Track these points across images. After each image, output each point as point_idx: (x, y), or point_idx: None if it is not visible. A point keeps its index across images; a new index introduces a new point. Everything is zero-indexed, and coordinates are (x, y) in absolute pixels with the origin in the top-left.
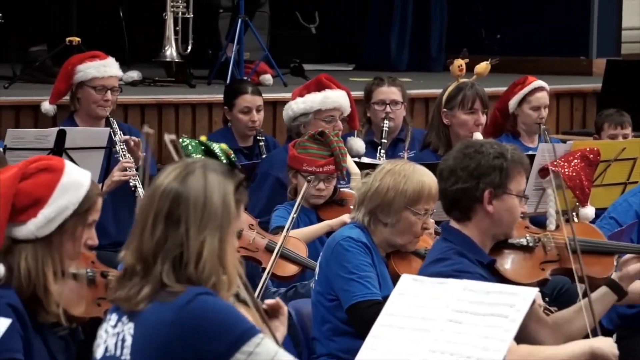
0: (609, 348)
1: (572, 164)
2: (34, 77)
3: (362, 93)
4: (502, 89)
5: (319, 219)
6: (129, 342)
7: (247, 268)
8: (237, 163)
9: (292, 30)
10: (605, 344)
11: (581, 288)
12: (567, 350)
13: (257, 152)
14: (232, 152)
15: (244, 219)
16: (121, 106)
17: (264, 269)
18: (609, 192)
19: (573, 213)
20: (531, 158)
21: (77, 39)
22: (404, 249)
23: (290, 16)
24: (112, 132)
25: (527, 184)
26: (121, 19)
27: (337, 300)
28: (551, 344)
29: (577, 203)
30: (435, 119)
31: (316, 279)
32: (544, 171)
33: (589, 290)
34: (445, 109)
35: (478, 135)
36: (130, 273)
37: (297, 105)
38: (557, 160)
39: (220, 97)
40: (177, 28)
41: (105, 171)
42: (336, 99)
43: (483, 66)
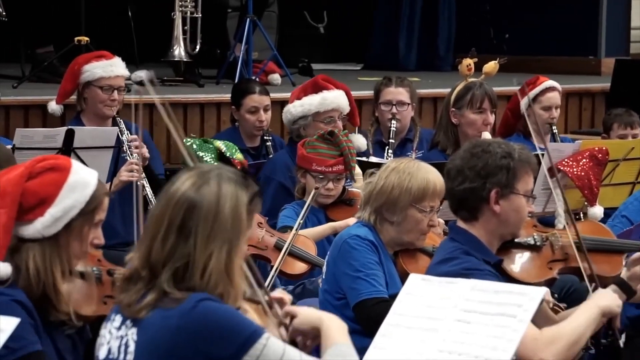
0: (613, 301)
1: (581, 163)
2: (42, 77)
3: (370, 93)
4: (511, 88)
5: (327, 219)
6: (132, 347)
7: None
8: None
9: (300, 30)
10: (609, 299)
11: (591, 286)
12: (582, 318)
13: (264, 153)
14: (246, 162)
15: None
16: (128, 106)
17: (272, 267)
18: (617, 192)
19: (581, 212)
20: (540, 157)
21: (86, 39)
22: (412, 246)
23: (298, 16)
24: (119, 132)
25: (536, 183)
26: (130, 19)
27: (345, 299)
28: None
29: (586, 202)
30: (443, 119)
31: (324, 277)
32: (553, 170)
33: (600, 288)
34: (453, 109)
35: (486, 135)
36: (135, 277)
37: (295, 108)
38: (566, 160)
39: (228, 96)
40: (186, 28)
41: (113, 170)
42: (334, 99)
43: (491, 65)
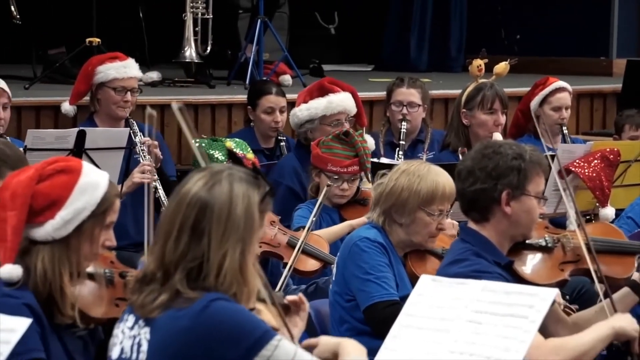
0: (630, 324)
1: (592, 164)
2: (54, 78)
3: (381, 94)
4: (522, 89)
5: (341, 218)
6: (144, 347)
7: (270, 267)
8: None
9: (311, 31)
10: (625, 322)
11: (601, 289)
12: (591, 335)
13: (278, 154)
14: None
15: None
16: (141, 107)
17: (286, 265)
18: (629, 193)
19: (593, 213)
20: (551, 158)
21: (97, 40)
22: (422, 247)
23: (309, 17)
24: (132, 133)
25: (547, 184)
26: (141, 20)
27: (355, 301)
28: None
29: (597, 204)
30: (454, 120)
31: (333, 279)
32: (565, 171)
33: (610, 290)
34: (464, 110)
35: (497, 136)
36: (149, 278)
37: (301, 112)
38: (577, 161)
39: (239, 97)
40: (197, 29)
41: (125, 172)
42: (340, 102)
43: (502, 66)
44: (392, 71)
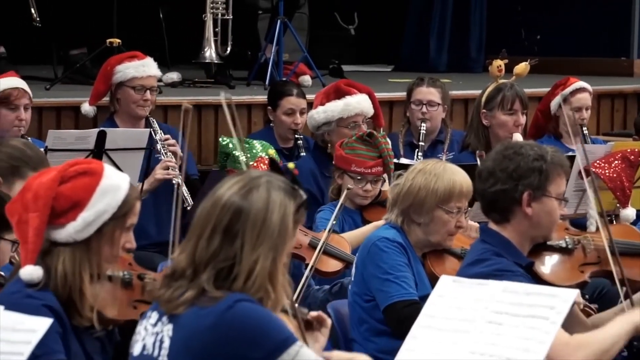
0: None
1: (613, 165)
2: (74, 79)
3: (400, 94)
4: (542, 89)
5: (364, 220)
6: (167, 343)
7: (291, 268)
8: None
9: (331, 32)
10: None
11: (622, 290)
12: (614, 331)
13: (296, 153)
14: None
15: None
16: (161, 107)
17: (307, 266)
18: None
19: (613, 214)
20: (571, 159)
21: (118, 41)
22: (440, 247)
23: (329, 17)
24: (152, 132)
25: (567, 185)
26: (161, 21)
27: (374, 301)
28: None
29: (618, 204)
30: (474, 120)
31: (353, 279)
32: (585, 172)
33: (631, 292)
34: (484, 110)
35: (518, 136)
36: (179, 275)
37: (318, 114)
38: (598, 162)
39: (259, 98)
40: (217, 29)
41: (146, 172)
42: (357, 104)
43: (522, 67)
44: (412, 71)
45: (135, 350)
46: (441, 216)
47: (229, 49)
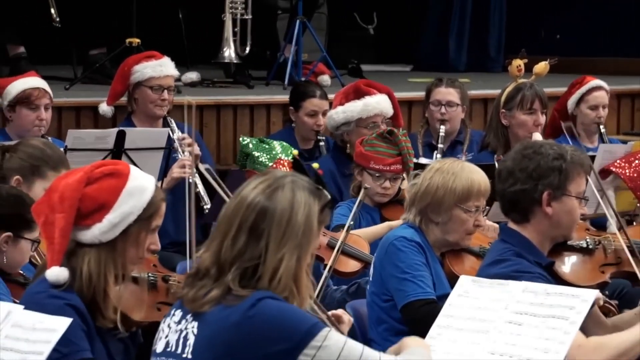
0: None
1: (634, 164)
2: (94, 79)
3: (419, 94)
4: (562, 89)
5: (382, 218)
6: (191, 340)
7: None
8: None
9: (350, 31)
10: None
11: None
12: (634, 334)
13: (317, 155)
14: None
15: None
16: (180, 107)
17: (326, 266)
18: None
19: (634, 214)
20: (591, 159)
21: (137, 40)
22: (458, 246)
23: (348, 17)
24: (170, 131)
25: (587, 185)
26: (180, 21)
27: (392, 301)
28: None
29: (639, 204)
30: (493, 120)
31: (371, 279)
32: (605, 172)
33: None
34: (504, 110)
35: (537, 136)
36: (203, 273)
37: (337, 115)
38: (618, 161)
39: (278, 98)
40: (236, 29)
41: (164, 171)
42: (376, 105)
43: (542, 66)
44: (431, 71)
45: (159, 347)
46: (459, 215)
47: (248, 48)
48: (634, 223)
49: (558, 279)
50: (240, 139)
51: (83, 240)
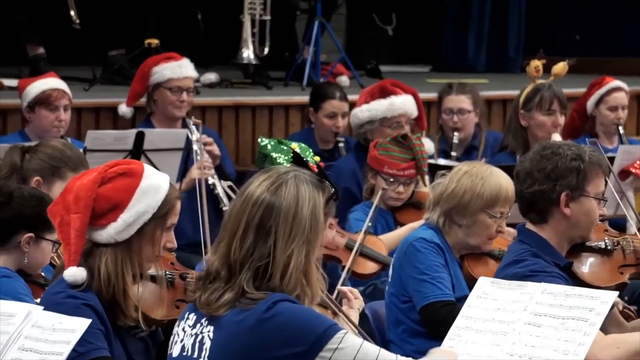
0: None
1: None
2: (113, 80)
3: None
4: (580, 90)
5: (396, 221)
6: (207, 345)
7: (327, 270)
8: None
9: (368, 32)
10: None
11: None
12: None
13: (337, 156)
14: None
15: None
16: (198, 108)
17: (344, 268)
18: None
19: None
20: (611, 160)
21: (156, 41)
22: (478, 250)
23: (367, 18)
24: (189, 132)
25: (607, 185)
26: (199, 22)
27: (411, 302)
28: None
29: None
30: (512, 121)
31: (389, 280)
32: (625, 173)
33: None
34: (522, 111)
35: (556, 137)
36: (213, 276)
37: (362, 113)
38: (638, 162)
39: (296, 98)
40: (255, 30)
41: (183, 172)
42: (402, 105)
43: (561, 67)
44: (450, 72)
45: (175, 351)
46: (484, 220)
47: (266, 49)
48: None
49: (577, 280)
50: (259, 139)
51: (99, 240)
